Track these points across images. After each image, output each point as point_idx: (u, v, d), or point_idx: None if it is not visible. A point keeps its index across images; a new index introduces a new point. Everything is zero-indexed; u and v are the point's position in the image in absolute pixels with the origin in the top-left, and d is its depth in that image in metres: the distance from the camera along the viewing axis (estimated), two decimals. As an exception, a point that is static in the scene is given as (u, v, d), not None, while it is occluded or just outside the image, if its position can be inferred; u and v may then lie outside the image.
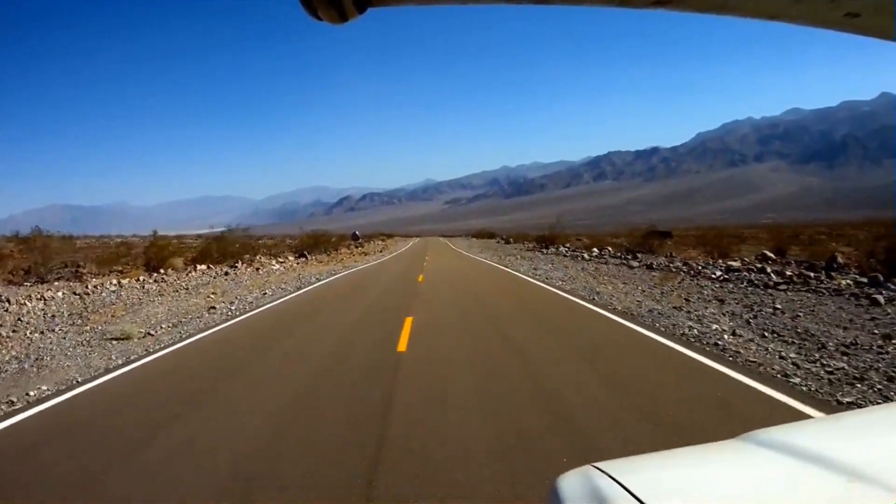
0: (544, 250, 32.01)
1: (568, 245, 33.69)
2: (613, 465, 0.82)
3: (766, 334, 6.69)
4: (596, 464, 0.84)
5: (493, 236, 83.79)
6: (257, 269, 20.58)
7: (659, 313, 8.50)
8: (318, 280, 16.90)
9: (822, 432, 0.97)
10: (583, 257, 22.59)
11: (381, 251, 43.54)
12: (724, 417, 3.90)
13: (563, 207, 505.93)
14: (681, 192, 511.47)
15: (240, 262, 21.93)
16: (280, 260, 26.03)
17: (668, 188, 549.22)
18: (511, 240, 58.25)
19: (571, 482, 0.81)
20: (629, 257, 20.96)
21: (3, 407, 4.80)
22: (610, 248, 25.83)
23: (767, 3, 0.66)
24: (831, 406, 4.09)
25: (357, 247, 49.49)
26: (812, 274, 12.09)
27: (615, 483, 0.75)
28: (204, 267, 19.77)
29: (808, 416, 3.77)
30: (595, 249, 26.13)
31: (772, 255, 17.05)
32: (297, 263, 24.93)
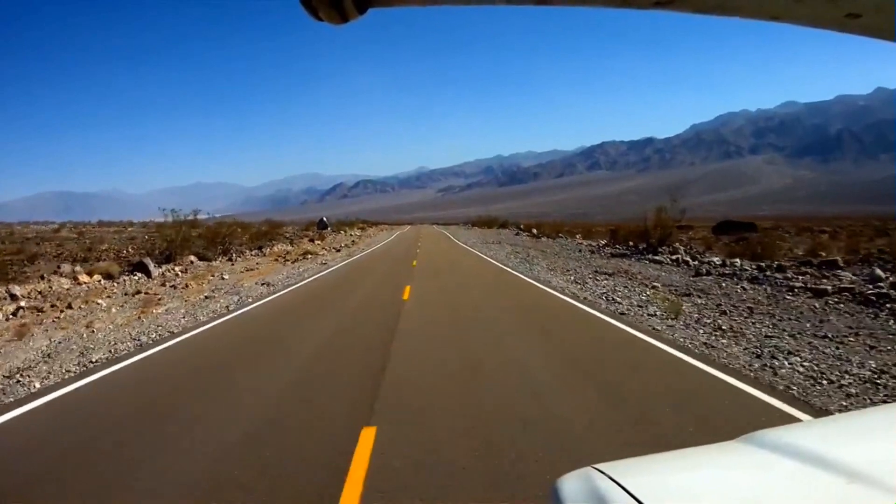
0: (652, 256, 16.65)
1: (685, 248, 17.98)
2: (614, 467, 0.82)
3: None
4: (596, 466, 0.83)
5: (505, 225, 60.67)
6: None
7: None
8: None
9: (822, 433, 0.96)
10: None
11: (338, 250, 27.72)
12: None
13: (557, 197, 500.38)
14: (675, 183, 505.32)
15: None
16: (30, 285, 12.47)
17: (663, 179, 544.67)
18: (534, 230, 39.60)
19: (572, 484, 0.82)
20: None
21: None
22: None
23: (769, 4, 0.66)
24: None
25: (312, 240, 35.13)
26: None
27: (616, 485, 0.76)
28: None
29: None
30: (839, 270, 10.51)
31: None
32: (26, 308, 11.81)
